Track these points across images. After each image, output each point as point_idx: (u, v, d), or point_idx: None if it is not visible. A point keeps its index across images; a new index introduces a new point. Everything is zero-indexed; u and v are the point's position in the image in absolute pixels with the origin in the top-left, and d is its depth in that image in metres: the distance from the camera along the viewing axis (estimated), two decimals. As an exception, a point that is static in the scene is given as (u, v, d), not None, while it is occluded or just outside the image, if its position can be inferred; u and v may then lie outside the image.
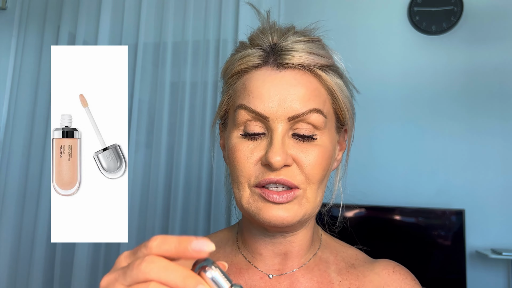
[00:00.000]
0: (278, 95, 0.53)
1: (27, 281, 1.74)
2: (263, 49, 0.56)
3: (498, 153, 1.77)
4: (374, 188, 1.77)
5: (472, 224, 1.70)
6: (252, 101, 0.53)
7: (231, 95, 0.58)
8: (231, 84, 0.59)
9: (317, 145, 0.54)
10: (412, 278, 0.60)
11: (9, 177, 1.83)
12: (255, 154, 0.53)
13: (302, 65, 0.55)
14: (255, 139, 0.54)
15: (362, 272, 0.59)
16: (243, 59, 0.57)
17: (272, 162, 0.50)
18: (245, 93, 0.55)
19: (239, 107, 0.55)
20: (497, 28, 1.83)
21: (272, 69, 0.55)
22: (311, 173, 0.53)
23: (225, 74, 0.61)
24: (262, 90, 0.53)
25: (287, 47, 0.55)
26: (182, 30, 1.79)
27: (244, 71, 0.57)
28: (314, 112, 0.53)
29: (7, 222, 1.80)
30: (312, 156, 0.53)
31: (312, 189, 0.54)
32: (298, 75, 0.55)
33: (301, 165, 0.53)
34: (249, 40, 0.61)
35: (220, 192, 1.66)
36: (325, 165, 0.55)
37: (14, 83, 1.91)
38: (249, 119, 0.54)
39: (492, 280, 1.70)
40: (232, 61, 0.60)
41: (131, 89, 1.76)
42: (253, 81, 0.55)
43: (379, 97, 1.86)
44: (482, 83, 1.81)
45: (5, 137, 1.88)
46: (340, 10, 1.97)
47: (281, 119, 0.52)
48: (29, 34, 1.94)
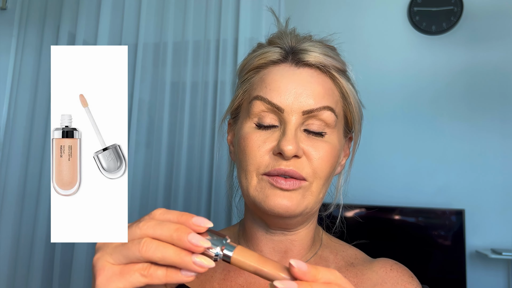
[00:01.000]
0: (294, 90, 0.55)
1: (27, 281, 1.74)
2: (282, 48, 0.59)
3: (498, 153, 1.77)
4: (374, 188, 1.77)
5: (472, 224, 1.70)
6: (269, 93, 0.56)
7: (247, 88, 0.61)
8: (247, 79, 0.61)
9: (326, 142, 0.56)
10: (410, 275, 0.61)
11: (8, 176, 1.83)
12: (267, 144, 0.55)
13: (320, 64, 0.57)
14: (267, 130, 0.56)
15: (360, 270, 0.60)
16: (263, 55, 0.59)
17: (285, 150, 0.52)
18: (262, 86, 0.57)
19: (255, 98, 0.57)
20: (497, 28, 1.83)
21: (290, 65, 0.58)
22: (319, 167, 0.55)
23: (242, 70, 0.63)
24: (280, 83, 0.56)
25: (305, 47, 0.58)
26: (182, 30, 1.79)
27: (262, 67, 0.59)
28: (327, 110, 0.56)
29: (7, 222, 1.79)
30: (321, 150, 0.55)
31: (318, 184, 0.56)
32: (315, 74, 0.57)
33: (311, 158, 0.55)
34: (267, 41, 0.63)
35: (220, 192, 1.66)
36: (333, 161, 0.56)
37: (14, 83, 1.91)
38: (264, 111, 0.56)
39: (492, 280, 1.70)
40: (250, 58, 0.62)
41: (131, 89, 1.76)
42: (271, 75, 0.57)
43: (379, 97, 1.86)
44: (482, 83, 1.81)
45: (5, 137, 1.88)
46: (340, 10, 1.97)
47: (295, 112, 0.54)
48: (29, 34, 1.94)
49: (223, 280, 0.60)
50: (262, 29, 1.68)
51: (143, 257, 0.35)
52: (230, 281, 0.60)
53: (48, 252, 1.77)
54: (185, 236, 0.35)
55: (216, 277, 0.60)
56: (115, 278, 0.36)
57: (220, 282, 0.60)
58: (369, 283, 0.59)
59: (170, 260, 0.35)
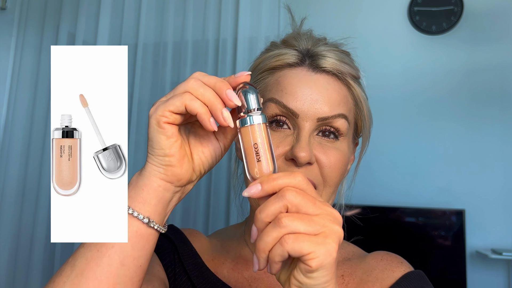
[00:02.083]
0: (310, 96, 0.55)
1: (26, 281, 1.74)
2: (299, 51, 0.59)
3: (498, 153, 1.76)
4: (374, 188, 1.77)
5: (472, 224, 1.70)
6: (285, 97, 0.55)
7: (260, 89, 0.60)
8: (261, 79, 0.61)
9: (337, 149, 0.57)
10: (399, 261, 0.63)
11: (8, 176, 1.82)
12: (280, 148, 0.55)
13: (337, 71, 0.57)
14: (279, 131, 0.56)
15: (355, 263, 0.63)
16: (279, 56, 0.59)
17: (299, 157, 0.52)
18: (278, 89, 0.57)
19: (269, 101, 0.56)
20: (497, 28, 1.83)
21: (307, 70, 0.57)
22: (329, 175, 0.55)
23: (256, 69, 0.63)
24: (296, 88, 0.56)
25: (322, 52, 0.58)
26: (182, 30, 1.79)
27: (278, 68, 0.59)
28: (341, 117, 0.56)
29: (6, 222, 1.79)
30: (332, 158, 0.55)
31: (328, 192, 0.56)
32: (331, 81, 0.57)
33: (322, 166, 0.55)
34: (282, 41, 0.63)
35: (219, 192, 1.66)
36: (343, 169, 0.57)
37: (14, 83, 1.91)
38: (278, 114, 0.56)
39: (492, 280, 1.70)
40: (265, 58, 0.61)
41: (131, 89, 1.76)
42: (287, 79, 0.57)
43: (379, 97, 1.86)
44: (482, 83, 1.81)
45: (4, 137, 1.87)
46: (340, 10, 1.97)
47: (310, 118, 0.54)
48: (29, 34, 1.94)
49: (231, 270, 0.62)
50: (261, 29, 1.68)
51: (187, 89, 0.41)
52: (237, 272, 0.61)
53: (48, 252, 1.76)
54: (224, 89, 0.41)
55: (226, 265, 0.63)
56: (161, 105, 0.41)
57: (229, 271, 0.62)
58: (361, 272, 0.61)
59: (208, 98, 0.40)
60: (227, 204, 1.65)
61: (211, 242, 0.67)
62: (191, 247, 0.63)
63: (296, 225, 0.36)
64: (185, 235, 0.65)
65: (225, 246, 0.66)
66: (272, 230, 0.37)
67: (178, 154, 0.42)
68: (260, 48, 0.68)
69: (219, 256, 0.64)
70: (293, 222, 0.36)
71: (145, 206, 0.42)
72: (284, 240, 0.36)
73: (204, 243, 0.66)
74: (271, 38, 1.56)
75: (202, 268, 0.61)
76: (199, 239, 0.67)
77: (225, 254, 0.64)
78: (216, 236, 0.70)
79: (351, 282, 0.60)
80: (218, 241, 0.68)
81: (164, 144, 0.41)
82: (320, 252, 0.35)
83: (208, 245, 0.66)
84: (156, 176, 0.42)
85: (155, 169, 0.42)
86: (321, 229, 0.36)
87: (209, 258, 0.64)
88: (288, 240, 0.36)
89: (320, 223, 0.37)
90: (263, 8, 1.69)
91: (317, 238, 0.36)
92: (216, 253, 0.65)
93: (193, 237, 0.66)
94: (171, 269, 0.60)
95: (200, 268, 0.61)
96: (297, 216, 0.36)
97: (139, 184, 0.42)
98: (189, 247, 0.63)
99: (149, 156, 0.42)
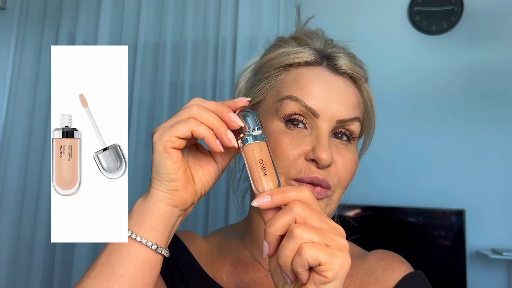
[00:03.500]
0: (331, 97, 0.55)
1: (26, 281, 1.74)
2: (315, 50, 0.58)
3: (498, 153, 1.76)
4: (374, 188, 1.77)
5: (473, 224, 1.70)
6: (305, 96, 0.55)
7: (274, 85, 0.59)
8: (274, 75, 0.59)
9: (350, 151, 0.57)
10: (399, 261, 0.63)
11: (8, 177, 1.82)
12: (299, 148, 0.54)
13: (354, 74, 0.58)
14: (296, 130, 0.55)
15: (355, 263, 0.62)
16: (297, 54, 0.58)
17: (322, 159, 0.51)
18: (297, 87, 0.56)
19: (288, 98, 0.55)
20: (497, 28, 1.83)
21: (326, 71, 0.57)
22: (344, 176, 0.56)
23: (267, 65, 0.61)
24: (317, 88, 0.55)
25: (337, 54, 0.58)
26: (181, 30, 1.79)
27: (294, 66, 0.58)
28: (357, 121, 0.56)
29: (6, 222, 1.79)
30: (348, 160, 0.56)
31: (339, 193, 0.57)
32: (349, 83, 0.58)
33: (338, 167, 0.55)
34: (292, 38, 0.62)
35: (219, 192, 1.66)
36: (355, 170, 0.58)
37: (13, 83, 1.91)
38: (297, 113, 0.55)
39: (492, 281, 1.69)
40: (277, 54, 0.60)
41: (131, 89, 1.76)
42: (307, 78, 0.56)
43: (379, 97, 1.85)
44: (482, 83, 1.81)
45: (4, 137, 1.87)
46: (340, 10, 1.96)
47: (329, 119, 0.54)
48: (29, 34, 1.94)
49: (230, 274, 0.61)
50: (261, 29, 1.68)
51: (190, 116, 0.42)
52: (236, 277, 0.61)
53: (48, 252, 1.76)
54: (226, 112, 0.42)
55: (225, 270, 0.62)
56: (166, 131, 0.41)
57: (228, 276, 0.61)
58: (362, 273, 0.60)
59: (212, 122, 0.42)
60: (226, 204, 1.65)
61: (209, 245, 0.66)
62: (188, 252, 0.63)
63: (309, 234, 0.37)
64: (181, 240, 0.64)
65: (223, 248, 0.65)
66: (288, 243, 0.37)
67: (183, 178, 0.43)
68: (260, 48, 0.68)
69: (217, 260, 0.63)
70: (305, 232, 0.37)
71: (152, 233, 0.42)
72: (302, 249, 0.36)
73: (201, 247, 0.65)
74: (271, 38, 1.55)
75: (201, 274, 0.60)
76: (196, 243, 0.66)
77: (223, 258, 0.63)
78: (213, 237, 0.69)
79: (352, 284, 0.59)
80: (216, 242, 0.67)
81: (171, 168, 0.42)
82: (335, 264, 0.36)
83: (205, 248, 0.65)
84: (162, 201, 0.43)
85: (161, 195, 0.43)
86: (331, 242, 0.37)
87: (207, 263, 0.63)
88: (306, 249, 0.36)
89: (329, 235, 0.37)
90: (263, 8, 1.69)
91: (331, 250, 0.36)
92: (214, 257, 0.64)
93: (190, 241, 0.65)
94: (169, 276, 0.60)
95: (198, 274, 0.60)
96: (308, 227, 0.37)
97: (145, 211, 0.42)
98: (186, 253, 0.62)
99: (154, 182, 0.43)
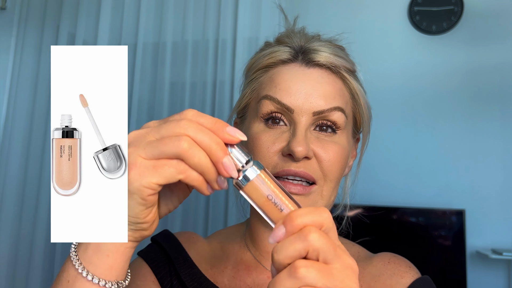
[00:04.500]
0: (305, 90, 0.54)
1: (26, 281, 1.74)
2: (292, 47, 0.58)
3: (498, 153, 1.76)
4: (374, 188, 1.77)
5: (473, 224, 1.70)
6: (279, 93, 0.55)
7: (255, 88, 0.60)
8: (255, 79, 0.60)
9: (336, 143, 0.56)
10: (407, 265, 0.62)
11: (8, 177, 1.82)
12: (276, 144, 0.54)
13: (330, 65, 0.57)
14: (275, 128, 0.55)
15: (362, 266, 0.61)
16: (272, 54, 0.59)
17: (295, 151, 0.51)
18: (272, 85, 0.56)
19: (264, 98, 0.56)
20: (498, 28, 1.83)
21: (300, 65, 0.57)
22: (329, 169, 0.54)
23: (250, 69, 0.62)
24: (290, 83, 0.55)
25: (315, 47, 0.57)
26: (181, 30, 1.79)
27: (271, 66, 0.58)
28: (338, 110, 0.55)
29: (6, 222, 1.79)
30: (331, 152, 0.55)
31: (329, 187, 0.55)
32: (325, 74, 0.57)
33: (321, 160, 0.54)
34: (276, 40, 0.63)
35: (218, 192, 1.66)
36: (342, 163, 0.56)
37: (13, 83, 1.91)
38: (273, 111, 0.55)
39: (492, 280, 1.69)
40: (258, 57, 0.61)
41: (131, 89, 1.76)
42: (281, 75, 0.56)
43: (379, 97, 1.85)
44: (482, 83, 1.81)
45: (4, 137, 1.87)
46: (340, 10, 1.96)
47: (305, 113, 0.54)
48: (29, 34, 1.94)
49: (232, 278, 0.60)
50: (261, 29, 1.68)
51: (179, 153, 0.34)
52: (239, 280, 0.60)
53: (48, 252, 1.76)
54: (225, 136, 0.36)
55: (226, 273, 0.61)
56: (148, 172, 0.35)
57: (230, 279, 0.60)
58: (369, 277, 0.59)
59: (204, 169, 0.35)
60: (225, 205, 1.65)
61: (211, 246, 0.65)
62: (187, 256, 0.61)
63: (314, 278, 0.31)
64: (180, 242, 0.63)
65: (226, 249, 0.64)
66: (286, 280, 0.32)
67: (152, 219, 0.39)
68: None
69: (218, 263, 0.62)
70: (311, 274, 0.31)
71: (112, 272, 0.39)
72: None
73: (202, 249, 0.64)
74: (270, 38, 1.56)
75: (201, 278, 0.59)
76: (196, 245, 0.64)
77: (225, 260, 0.63)
78: (216, 237, 0.68)
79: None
80: (218, 243, 0.66)
81: (141, 214, 0.38)
82: None
83: (207, 250, 0.64)
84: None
85: None
86: (339, 285, 0.32)
87: (207, 267, 0.61)
88: None
89: (339, 278, 0.32)
90: (262, 8, 1.69)
91: None
92: (215, 259, 0.63)
93: (190, 242, 0.64)
94: (167, 281, 0.59)
95: (198, 278, 0.59)
96: (316, 268, 0.32)
97: (103, 249, 0.38)
98: (185, 256, 0.61)
99: None
